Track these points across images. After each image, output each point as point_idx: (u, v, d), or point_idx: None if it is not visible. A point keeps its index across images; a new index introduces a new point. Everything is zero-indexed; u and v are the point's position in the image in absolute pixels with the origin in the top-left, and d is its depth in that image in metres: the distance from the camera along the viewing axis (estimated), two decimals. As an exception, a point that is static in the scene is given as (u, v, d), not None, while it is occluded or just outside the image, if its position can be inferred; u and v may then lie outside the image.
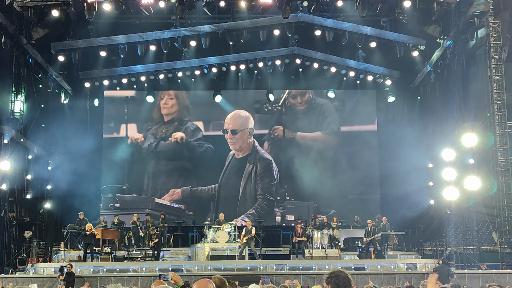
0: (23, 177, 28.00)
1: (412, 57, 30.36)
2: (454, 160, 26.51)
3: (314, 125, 34.32)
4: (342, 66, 32.70)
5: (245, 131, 33.92)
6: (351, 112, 34.36)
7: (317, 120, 34.40)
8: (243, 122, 34.03)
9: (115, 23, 29.42)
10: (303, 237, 26.30)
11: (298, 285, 17.37)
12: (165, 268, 23.34)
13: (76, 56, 30.17)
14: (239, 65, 32.64)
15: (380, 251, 26.35)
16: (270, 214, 32.93)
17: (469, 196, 25.30)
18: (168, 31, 29.78)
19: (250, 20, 29.45)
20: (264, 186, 33.55)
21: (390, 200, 31.05)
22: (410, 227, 30.41)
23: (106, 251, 25.68)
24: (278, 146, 34.22)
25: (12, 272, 24.37)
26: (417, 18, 27.08)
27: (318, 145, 34.16)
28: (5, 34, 25.08)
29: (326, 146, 34.23)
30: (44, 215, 30.30)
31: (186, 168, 33.96)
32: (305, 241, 26.24)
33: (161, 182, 33.92)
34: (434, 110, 30.19)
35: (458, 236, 27.63)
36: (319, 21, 29.36)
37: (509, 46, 25.05)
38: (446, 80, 28.57)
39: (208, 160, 33.64)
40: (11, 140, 26.24)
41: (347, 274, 5.47)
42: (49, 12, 25.70)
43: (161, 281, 6.72)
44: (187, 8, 24.52)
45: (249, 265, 23.80)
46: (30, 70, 28.49)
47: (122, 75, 32.81)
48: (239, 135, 33.87)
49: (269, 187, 33.61)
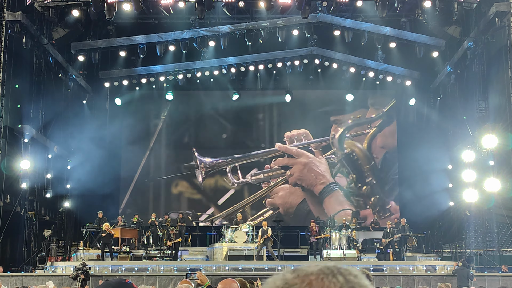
0: (43, 176, 28.20)
1: (432, 58, 30.17)
2: (474, 161, 26.33)
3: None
4: (361, 67, 32.58)
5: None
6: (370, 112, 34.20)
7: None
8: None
9: (134, 23, 29.56)
10: (322, 235, 26.22)
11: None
12: (183, 268, 23.42)
13: (96, 56, 30.37)
14: (257, 65, 32.64)
15: (399, 252, 26.21)
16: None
17: (489, 198, 25.09)
18: (187, 31, 29.87)
19: (269, 20, 29.42)
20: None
21: (409, 201, 30.91)
22: (429, 229, 30.22)
23: (125, 250, 25.79)
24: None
25: (32, 270, 24.56)
26: (437, 18, 26.91)
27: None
28: (26, 34, 25.29)
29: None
30: (63, 214, 30.53)
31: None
32: (326, 237, 26.14)
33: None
34: (454, 111, 29.98)
35: (478, 238, 27.43)
36: (338, 21, 29.26)
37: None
38: (466, 81, 28.37)
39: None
40: (31, 139, 26.47)
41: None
42: (69, 12, 25.87)
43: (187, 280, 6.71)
44: (206, 8, 24.57)
45: (267, 266, 23.79)
46: (50, 69, 28.72)
47: (142, 75, 32.97)
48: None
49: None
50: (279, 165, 33.49)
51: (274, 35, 29.68)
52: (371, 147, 33.77)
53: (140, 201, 33.62)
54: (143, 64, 32.31)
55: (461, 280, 20.69)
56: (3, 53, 24.28)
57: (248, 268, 23.21)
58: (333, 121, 33.93)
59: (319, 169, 33.21)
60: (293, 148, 33.53)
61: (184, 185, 33.88)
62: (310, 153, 33.47)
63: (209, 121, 34.34)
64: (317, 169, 33.27)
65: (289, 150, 33.55)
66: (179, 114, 34.33)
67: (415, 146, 30.96)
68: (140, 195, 33.86)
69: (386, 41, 29.71)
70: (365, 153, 33.61)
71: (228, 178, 33.39)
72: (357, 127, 33.95)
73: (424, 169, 29.75)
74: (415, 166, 30.98)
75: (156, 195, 33.94)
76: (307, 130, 33.71)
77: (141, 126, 34.37)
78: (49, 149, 28.72)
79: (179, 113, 34.32)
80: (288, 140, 33.67)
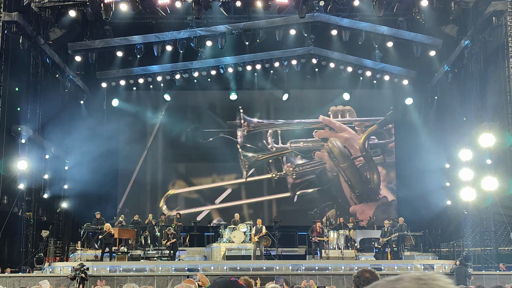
0: (40, 176, 28.17)
1: (429, 57, 30.18)
2: (471, 160, 26.35)
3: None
4: (358, 66, 32.61)
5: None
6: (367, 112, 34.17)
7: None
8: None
9: (131, 24, 29.56)
10: (324, 237, 26.26)
11: (314, 286, 17.30)
12: (181, 268, 23.43)
13: (93, 56, 30.33)
14: (255, 65, 32.63)
15: (397, 251, 26.21)
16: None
17: (487, 197, 25.11)
18: (184, 31, 29.86)
19: (266, 20, 29.43)
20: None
21: (406, 200, 30.93)
22: (427, 228, 30.23)
23: (123, 251, 25.77)
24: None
25: (29, 271, 24.54)
26: (434, 17, 26.94)
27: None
28: (22, 34, 25.26)
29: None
30: (61, 215, 30.49)
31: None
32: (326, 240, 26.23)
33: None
34: (451, 110, 30.00)
35: (476, 237, 27.45)
36: (335, 21, 29.27)
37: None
38: (463, 80, 28.38)
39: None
40: (28, 139, 26.43)
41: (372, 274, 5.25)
42: (66, 12, 25.84)
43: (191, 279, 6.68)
44: (203, 8, 24.56)
45: (265, 265, 23.79)
46: (47, 70, 28.67)
47: (139, 75, 32.95)
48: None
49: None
50: (320, 137, 33.66)
51: (271, 35, 29.68)
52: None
53: (137, 201, 33.57)
54: (140, 64, 32.29)
55: (459, 279, 20.68)
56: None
57: (246, 268, 23.20)
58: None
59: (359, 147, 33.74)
60: (336, 122, 33.75)
61: (181, 184, 33.90)
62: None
63: (206, 121, 34.33)
64: (357, 146, 33.67)
65: (332, 123, 33.78)
66: (177, 114, 34.30)
67: (412, 145, 30.98)
68: (138, 195, 33.82)
69: (383, 40, 29.73)
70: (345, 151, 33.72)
71: (268, 142, 33.63)
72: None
73: (422, 168, 29.77)
74: (412, 165, 31.01)
75: (153, 195, 33.93)
76: (352, 108, 33.92)
77: (139, 126, 34.33)
78: (46, 150, 28.68)
79: (176, 113, 34.28)
80: (333, 114, 33.87)
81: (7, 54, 24.70)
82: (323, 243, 26.17)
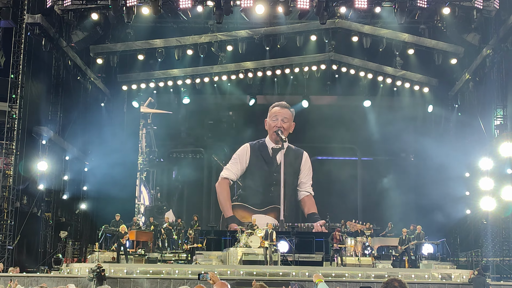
0: (60, 177, 28.39)
1: (451, 65, 29.99)
2: (491, 169, 26.13)
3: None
4: (379, 73, 32.50)
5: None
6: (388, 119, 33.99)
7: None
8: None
9: (153, 27, 29.69)
10: (345, 244, 26.23)
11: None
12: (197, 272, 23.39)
13: (115, 59, 30.52)
14: (275, 70, 32.64)
15: (414, 260, 26.06)
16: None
17: (507, 207, 24.87)
18: (205, 35, 29.94)
19: (287, 26, 29.42)
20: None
21: (425, 208, 30.73)
22: (445, 237, 30.02)
23: (140, 253, 25.87)
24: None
25: (47, 271, 24.70)
26: (456, 25, 26.74)
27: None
28: (45, 37, 25.50)
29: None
30: (79, 216, 30.69)
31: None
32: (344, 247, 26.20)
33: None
34: (472, 119, 29.76)
35: (495, 247, 27.18)
36: (356, 27, 29.19)
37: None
38: (484, 88, 28.15)
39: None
40: (49, 141, 26.65)
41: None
42: (88, 15, 26.02)
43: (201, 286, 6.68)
44: (224, 13, 24.59)
45: (281, 271, 23.73)
46: (69, 72, 28.90)
47: (159, 78, 33.11)
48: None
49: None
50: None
51: (292, 40, 29.68)
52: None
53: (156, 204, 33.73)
54: (161, 68, 32.44)
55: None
56: (22, 55, 24.51)
57: (262, 273, 23.16)
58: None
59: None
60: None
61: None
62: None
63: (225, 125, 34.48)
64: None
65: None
66: (196, 117, 34.45)
67: (432, 153, 30.77)
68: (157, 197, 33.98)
69: (404, 47, 29.62)
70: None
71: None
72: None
73: (441, 176, 29.57)
74: (431, 173, 30.82)
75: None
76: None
77: (158, 130, 34.52)
78: (67, 151, 28.89)
79: (196, 117, 34.44)
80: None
81: (29, 56, 24.96)
82: (342, 250, 26.09)
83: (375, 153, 34.21)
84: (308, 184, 33.79)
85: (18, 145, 24.22)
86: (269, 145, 33.75)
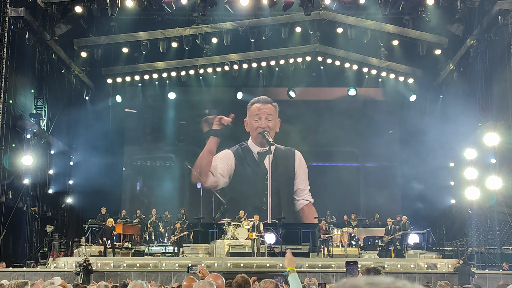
0: (45, 172, 28.27)
1: (435, 56, 30.14)
2: (475, 159, 26.33)
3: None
4: (363, 64, 32.59)
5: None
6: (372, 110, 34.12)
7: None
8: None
9: (137, 20, 29.55)
10: (331, 233, 26.32)
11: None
12: (185, 264, 23.44)
13: (99, 52, 30.38)
14: (260, 62, 32.62)
15: (400, 250, 26.24)
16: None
17: (491, 196, 25.07)
18: (190, 28, 29.87)
19: (272, 17, 29.40)
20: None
21: (410, 199, 30.91)
22: (431, 226, 30.24)
23: (127, 246, 25.85)
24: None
25: (34, 265, 24.63)
26: (440, 16, 26.87)
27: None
28: (29, 30, 25.32)
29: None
30: (65, 210, 30.59)
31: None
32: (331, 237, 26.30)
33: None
34: (456, 109, 29.92)
35: (480, 236, 27.43)
36: (341, 19, 29.26)
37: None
38: (469, 79, 28.33)
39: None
40: (33, 135, 26.51)
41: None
42: (72, 8, 25.88)
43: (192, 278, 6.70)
44: (209, 5, 24.56)
45: (268, 262, 23.82)
46: (53, 66, 28.74)
47: (144, 71, 32.99)
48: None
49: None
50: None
51: (277, 32, 29.68)
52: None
53: (142, 197, 33.67)
54: (146, 61, 32.31)
55: (462, 278, 20.71)
56: (5, 49, 24.30)
57: (249, 264, 23.24)
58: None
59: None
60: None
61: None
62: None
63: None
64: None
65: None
66: (181, 110, 34.33)
67: (416, 144, 30.93)
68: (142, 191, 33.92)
69: (388, 38, 29.73)
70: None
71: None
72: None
73: (426, 166, 29.75)
74: (416, 163, 31.00)
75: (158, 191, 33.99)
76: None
77: (143, 122, 34.42)
78: (52, 145, 28.77)
79: (181, 110, 34.31)
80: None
81: (13, 50, 24.76)
82: (329, 241, 26.20)
83: (360, 144, 34.05)
84: (306, 190, 32.33)
85: (2, 140, 24.04)
86: (253, 149, 32.54)
